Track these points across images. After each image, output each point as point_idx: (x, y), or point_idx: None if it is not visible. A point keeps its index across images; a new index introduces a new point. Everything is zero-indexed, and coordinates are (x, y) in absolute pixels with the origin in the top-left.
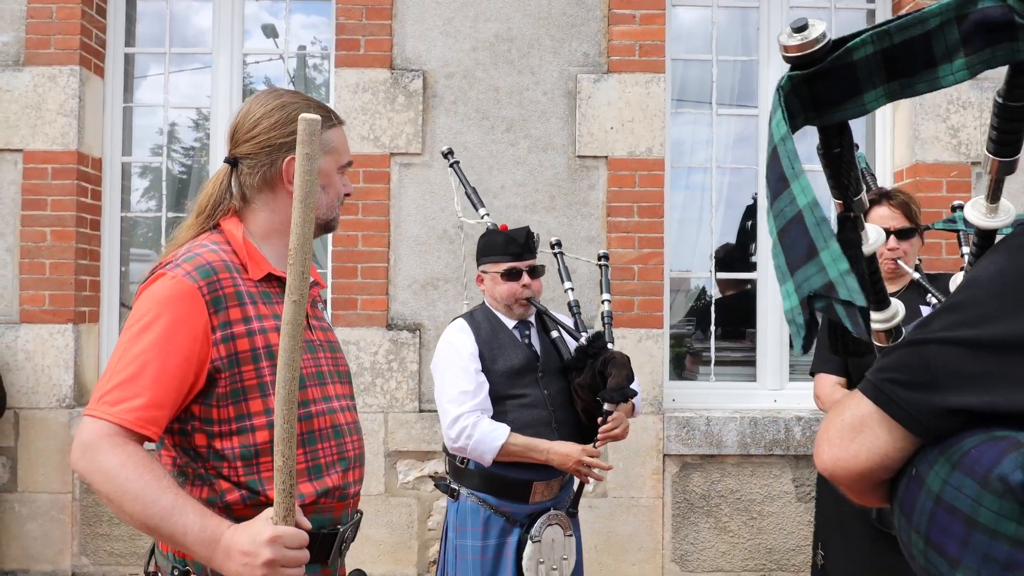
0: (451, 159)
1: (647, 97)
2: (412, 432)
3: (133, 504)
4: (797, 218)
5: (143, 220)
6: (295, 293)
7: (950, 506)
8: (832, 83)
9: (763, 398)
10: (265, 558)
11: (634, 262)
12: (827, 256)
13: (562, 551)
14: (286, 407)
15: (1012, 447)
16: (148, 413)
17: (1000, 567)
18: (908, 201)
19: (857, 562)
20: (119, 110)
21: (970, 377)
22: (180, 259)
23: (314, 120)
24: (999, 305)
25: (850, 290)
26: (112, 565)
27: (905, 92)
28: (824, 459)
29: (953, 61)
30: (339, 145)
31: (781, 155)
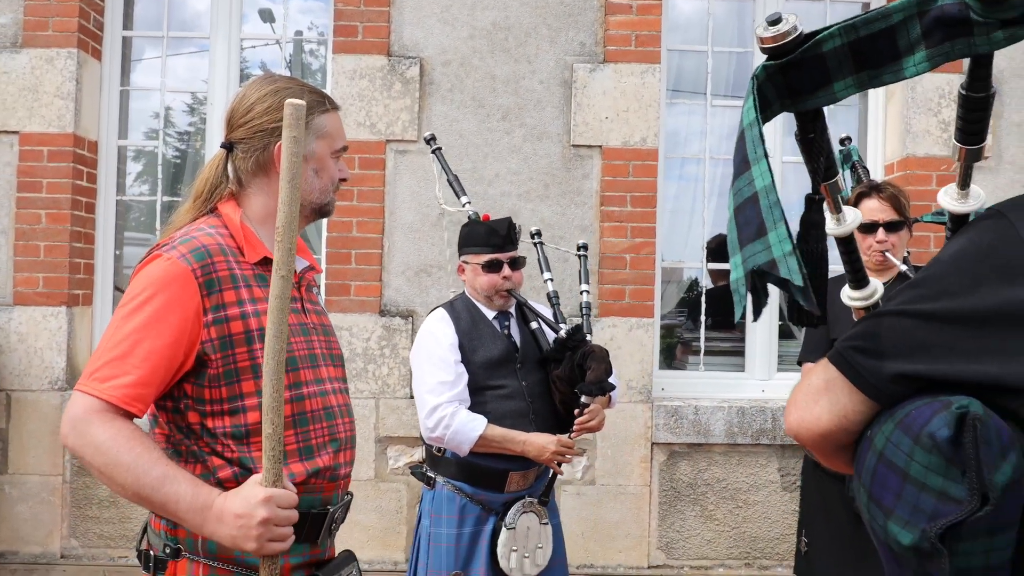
0: (433, 145)
1: (642, 87)
2: (403, 418)
3: (125, 475)
4: (753, 198)
5: (138, 204)
6: (283, 268)
7: (889, 461)
8: (804, 73)
9: (751, 388)
10: (260, 517)
11: (626, 251)
12: (774, 236)
13: (537, 539)
14: (274, 378)
15: (943, 407)
16: (136, 391)
17: (926, 517)
18: (897, 194)
19: (840, 549)
20: (116, 93)
21: (922, 346)
22: (176, 241)
23: (300, 105)
24: (955, 281)
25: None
26: (101, 548)
27: (873, 82)
28: (790, 420)
29: (915, 53)
30: (333, 130)
31: (747, 139)
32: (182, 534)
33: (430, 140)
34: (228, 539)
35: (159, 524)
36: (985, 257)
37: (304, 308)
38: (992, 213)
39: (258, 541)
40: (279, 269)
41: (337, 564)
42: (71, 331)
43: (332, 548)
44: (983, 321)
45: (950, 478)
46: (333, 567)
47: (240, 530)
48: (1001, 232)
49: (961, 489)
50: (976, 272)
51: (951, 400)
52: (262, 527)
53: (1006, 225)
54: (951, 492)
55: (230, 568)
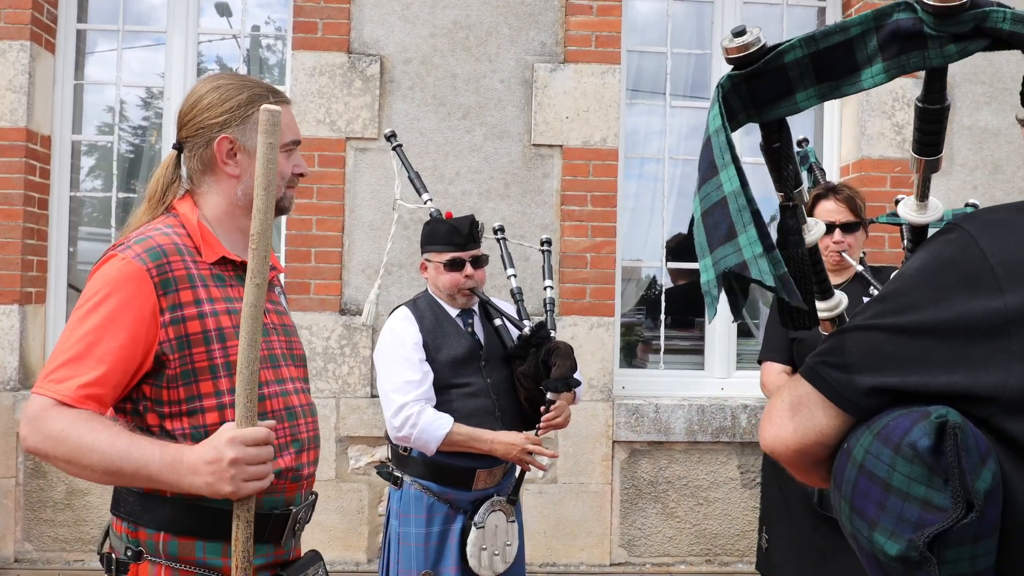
0: (394, 142)
1: (602, 87)
2: (364, 417)
3: (90, 455)
4: (722, 202)
5: (92, 200)
6: (257, 277)
7: (870, 473)
8: (767, 83)
9: (710, 386)
10: (229, 457)
11: (587, 251)
12: (744, 239)
13: (505, 537)
14: (247, 385)
15: (922, 417)
16: (91, 391)
17: (911, 527)
18: (853, 196)
19: (800, 545)
20: (70, 87)
21: (892, 359)
22: (131, 241)
23: (275, 111)
24: (920, 295)
25: (760, 271)
26: (56, 551)
27: (833, 93)
28: (766, 437)
29: (872, 66)
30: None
31: (714, 145)
32: (143, 536)
33: (390, 137)
34: (205, 488)
35: (120, 526)
36: (948, 269)
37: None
38: (953, 227)
39: (232, 483)
40: (254, 277)
41: (302, 564)
42: (23, 330)
43: (298, 548)
44: (948, 332)
45: (933, 487)
46: (298, 567)
47: (213, 476)
48: (962, 245)
49: (945, 498)
50: (940, 285)
51: (928, 410)
52: (233, 467)
53: (967, 238)
54: (935, 501)
55: (192, 569)
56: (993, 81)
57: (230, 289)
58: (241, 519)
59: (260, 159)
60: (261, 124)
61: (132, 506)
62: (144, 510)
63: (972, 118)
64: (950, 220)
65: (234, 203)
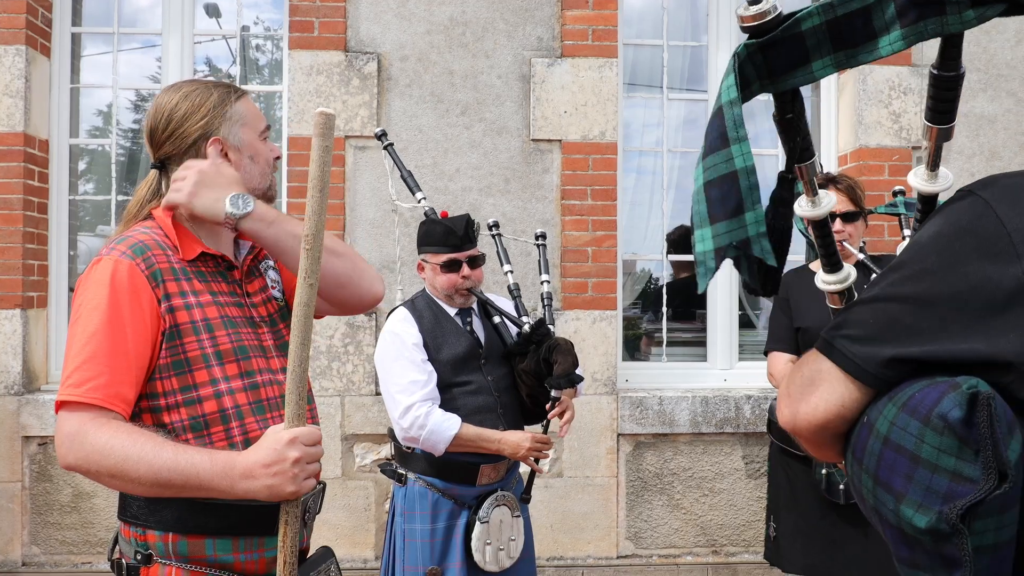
0: (384, 141)
1: (600, 81)
2: (369, 415)
3: (137, 467)
4: (731, 176)
5: (91, 203)
6: (311, 277)
7: (897, 445)
8: (783, 52)
9: (714, 377)
10: (293, 458)
11: (588, 245)
12: (751, 216)
13: (510, 532)
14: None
15: (951, 388)
16: (113, 389)
17: (940, 499)
18: (853, 186)
19: (808, 533)
20: (66, 91)
21: (912, 329)
22: (113, 243)
23: (330, 115)
24: (937, 262)
25: (763, 250)
26: (63, 554)
27: (850, 61)
28: (785, 413)
29: (890, 32)
30: (251, 115)
31: (727, 116)
32: (152, 539)
33: (381, 136)
34: (264, 491)
35: (128, 531)
36: (964, 236)
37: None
38: (966, 194)
39: (295, 482)
40: (307, 277)
41: (315, 560)
42: (26, 334)
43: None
44: (966, 301)
45: (963, 458)
46: (311, 563)
47: (275, 478)
48: (978, 212)
49: (975, 469)
50: (956, 252)
51: (957, 381)
52: (297, 467)
53: (982, 205)
54: (965, 472)
55: (203, 569)
56: (988, 68)
57: (212, 283)
58: (289, 516)
59: (315, 162)
60: (316, 127)
61: (139, 509)
62: (151, 512)
63: (968, 105)
64: (963, 187)
65: None
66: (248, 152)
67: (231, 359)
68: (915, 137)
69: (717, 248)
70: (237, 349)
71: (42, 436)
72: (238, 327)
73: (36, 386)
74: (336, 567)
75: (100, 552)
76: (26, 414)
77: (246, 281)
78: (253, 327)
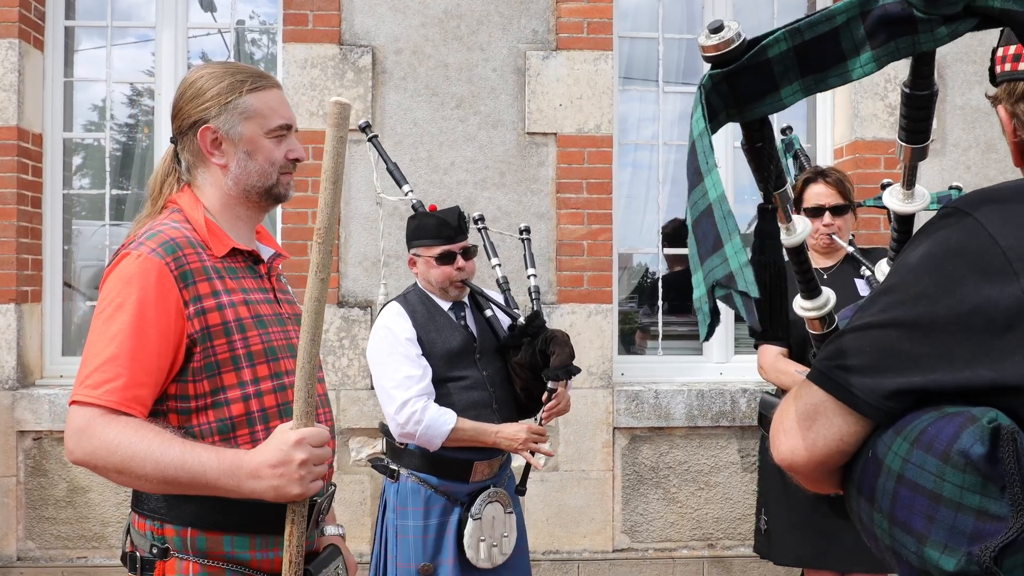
0: (369, 133)
1: (595, 74)
2: (364, 409)
3: (144, 464)
4: (708, 211)
5: (86, 198)
6: (323, 272)
7: (913, 483)
8: (750, 80)
9: (709, 371)
10: (300, 459)
11: (584, 238)
12: (730, 248)
13: (502, 528)
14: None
15: (968, 421)
16: (130, 392)
17: (967, 539)
18: (842, 179)
19: (798, 525)
20: (60, 85)
21: (911, 358)
22: (143, 237)
23: (345, 105)
24: (931, 285)
25: (747, 282)
26: (59, 549)
27: (819, 86)
28: (782, 451)
29: (860, 55)
30: (264, 109)
31: (698, 150)
32: (170, 533)
33: (365, 128)
34: (270, 492)
35: (144, 524)
36: (956, 257)
37: (277, 298)
38: (952, 211)
39: (302, 484)
40: (319, 272)
41: (324, 559)
42: (20, 328)
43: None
44: (967, 324)
45: (988, 495)
46: (321, 562)
47: (282, 479)
48: (970, 231)
49: (1002, 506)
50: (950, 273)
51: (974, 414)
52: (303, 469)
53: (972, 223)
54: (991, 510)
55: (220, 565)
56: (984, 60)
57: (243, 280)
58: (296, 515)
59: (328, 153)
60: (331, 117)
61: (156, 503)
62: (169, 507)
63: (964, 98)
64: (947, 203)
65: (227, 193)
66: (245, 147)
67: (261, 360)
68: None
69: (709, 289)
70: (268, 350)
71: (37, 431)
72: (268, 326)
73: (31, 380)
74: (343, 565)
75: (95, 547)
76: (21, 408)
77: (274, 279)
78: (282, 324)
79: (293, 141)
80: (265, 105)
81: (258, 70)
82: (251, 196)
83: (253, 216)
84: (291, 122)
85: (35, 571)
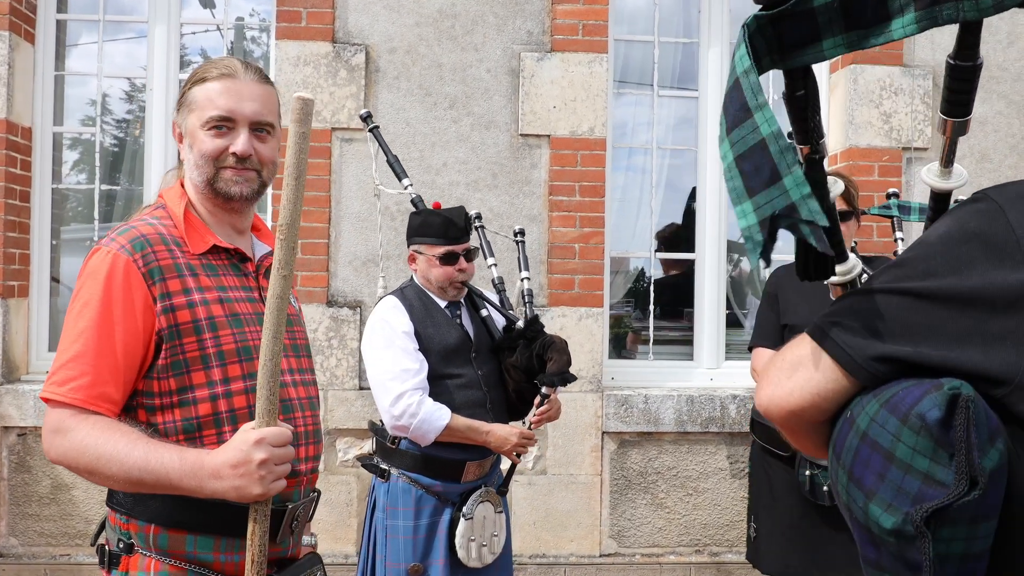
0: (370, 123)
1: (590, 77)
2: (352, 410)
3: (110, 465)
4: (760, 145)
5: (75, 193)
6: (284, 268)
7: (873, 441)
8: (794, 26)
9: (700, 376)
10: (259, 459)
11: (575, 241)
12: (790, 180)
13: (493, 528)
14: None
15: (934, 388)
16: (96, 390)
17: (910, 500)
18: (847, 185)
19: (788, 533)
20: (50, 78)
21: (906, 327)
22: (115, 233)
23: (308, 100)
24: (942, 262)
25: (812, 211)
26: (42, 545)
27: (862, 43)
28: (761, 396)
29: (904, 15)
30: (201, 100)
31: (744, 86)
32: (134, 528)
33: (367, 118)
34: (232, 492)
35: (115, 518)
36: (972, 239)
37: (261, 297)
38: (981, 197)
39: (262, 484)
40: (281, 268)
41: (299, 566)
42: (7, 323)
43: (298, 548)
44: (967, 302)
45: (937, 461)
46: (294, 569)
47: (242, 479)
48: (990, 217)
49: (948, 473)
50: (963, 253)
51: (941, 381)
52: (263, 469)
53: (995, 210)
54: (937, 476)
55: (181, 564)
56: None
57: (223, 278)
58: (259, 515)
59: (291, 148)
60: (293, 113)
61: (124, 498)
62: (136, 502)
63: None
64: (979, 190)
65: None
66: (189, 140)
67: (234, 359)
68: (905, 138)
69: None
70: (241, 350)
71: (21, 427)
72: (245, 325)
73: (16, 376)
74: (323, 573)
75: (79, 544)
76: (6, 404)
77: (261, 276)
78: (262, 324)
79: (239, 134)
80: (204, 96)
81: (230, 61)
82: (204, 192)
83: (222, 214)
84: (231, 114)
85: (18, 568)
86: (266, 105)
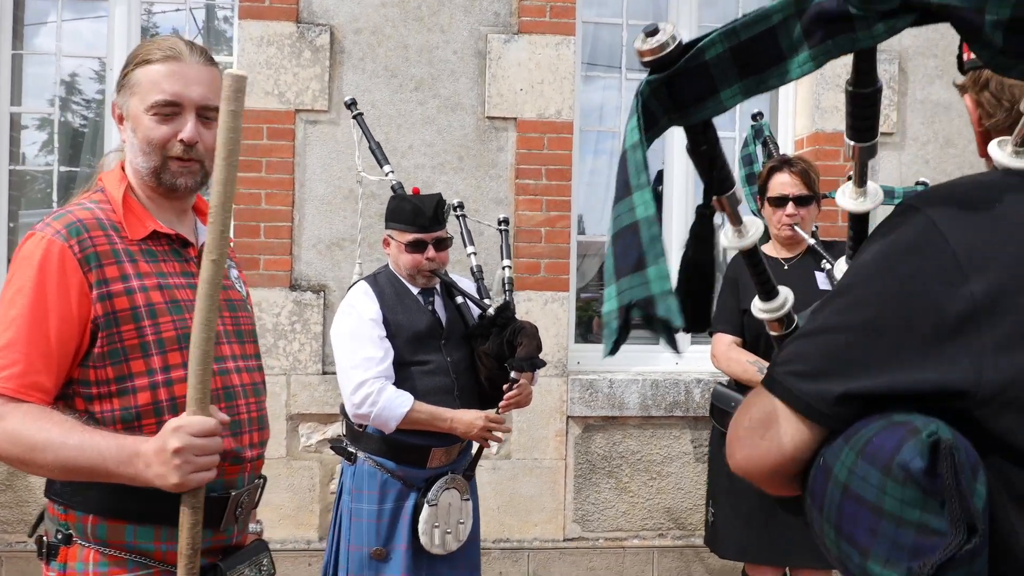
0: (354, 110)
1: (557, 59)
2: (315, 395)
3: (44, 455)
4: (633, 228)
5: (33, 174)
6: (214, 252)
7: (857, 495)
8: (689, 83)
9: (665, 361)
10: (173, 447)
11: (541, 225)
12: (654, 272)
13: (458, 515)
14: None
15: (911, 434)
16: (28, 379)
17: (908, 554)
18: (808, 169)
19: (745, 518)
20: (7, 57)
21: (859, 362)
22: (50, 218)
23: (240, 77)
24: (881, 286)
25: (669, 310)
26: None
27: (760, 87)
28: (737, 459)
29: (799, 54)
30: (144, 82)
31: (628, 162)
32: (72, 519)
33: (351, 105)
34: (158, 479)
35: (53, 509)
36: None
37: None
38: (907, 209)
39: (178, 472)
40: (210, 252)
41: (244, 553)
42: None
43: (244, 535)
44: (915, 328)
45: (928, 511)
46: (240, 556)
47: (162, 467)
48: (921, 230)
49: (941, 521)
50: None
51: (916, 425)
52: (178, 457)
53: (924, 221)
54: (931, 524)
55: (121, 554)
56: (945, 55)
57: (163, 264)
58: (187, 506)
59: (221, 128)
60: (224, 91)
61: (62, 488)
62: (74, 492)
63: (924, 92)
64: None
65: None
66: (131, 124)
67: (174, 347)
68: None
69: (620, 307)
70: (181, 337)
71: None
72: (185, 312)
73: None
74: (269, 560)
75: None
76: None
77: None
78: None
79: (185, 120)
80: (148, 79)
81: (181, 44)
82: (145, 179)
83: (162, 200)
84: (177, 99)
85: None
86: (212, 88)
